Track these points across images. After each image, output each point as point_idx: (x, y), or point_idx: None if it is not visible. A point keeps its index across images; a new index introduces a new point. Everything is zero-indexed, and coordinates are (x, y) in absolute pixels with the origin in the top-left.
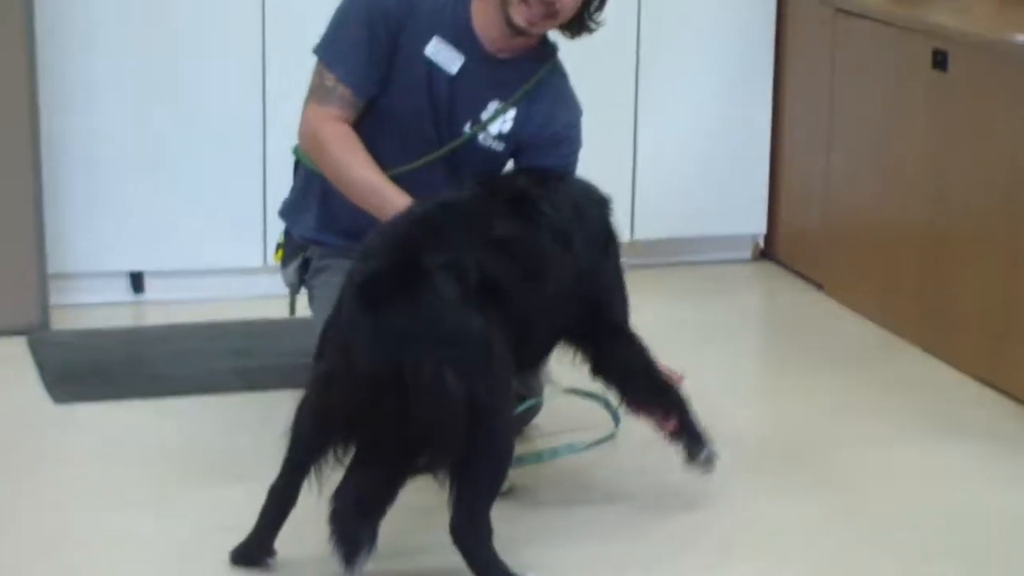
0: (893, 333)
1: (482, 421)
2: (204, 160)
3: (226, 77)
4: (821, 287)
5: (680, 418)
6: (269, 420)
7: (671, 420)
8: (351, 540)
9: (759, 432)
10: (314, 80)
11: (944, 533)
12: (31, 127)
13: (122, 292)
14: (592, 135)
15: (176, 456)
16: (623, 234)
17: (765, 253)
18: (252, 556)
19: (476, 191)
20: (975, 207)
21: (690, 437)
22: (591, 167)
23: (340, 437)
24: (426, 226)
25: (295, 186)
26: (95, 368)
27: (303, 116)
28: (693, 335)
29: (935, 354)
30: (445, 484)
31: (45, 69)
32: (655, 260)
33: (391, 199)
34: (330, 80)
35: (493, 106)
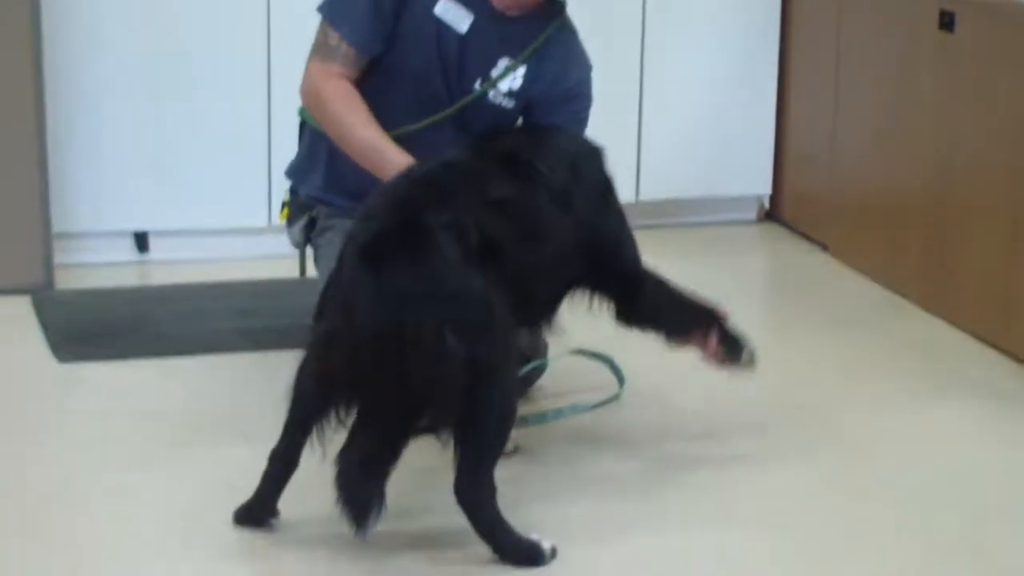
0: (897, 294)
1: (484, 381)
2: (209, 120)
3: (231, 36)
4: (826, 248)
5: (719, 329)
6: (274, 380)
7: (712, 336)
8: (359, 502)
9: (762, 391)
10: (318, 37)
11: (946, 492)
12: (35, 87)
13: (126, 252)
14: (598, 96)
15: (180, 416)
16: (628, 195)
17: (770, 214)
18: (255, 517)
19: (472, 152)
20: (980, 168)
21: (730, 343)
22: (596, 128)
23: (341, 398)
24: (427, 186)
25: (302, 147)
26: (99, 328)
27: (305, 73)
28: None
29: (938, 314)
30: (448, 445)
31: (49, 28)
32: (660, 221)
33: (391, 158)
34: (333, 38)
35: (503, 63)
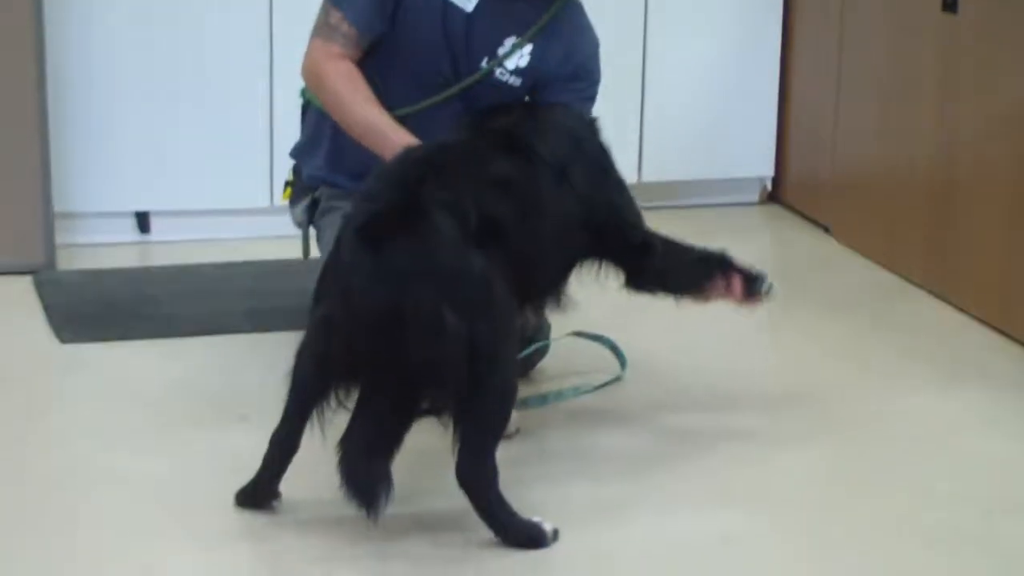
0: (900, 276)
1: (483, 361)
2: (211, 100)
3: (233, 16)
4: (828, 230)
5: (737, 270)
6: (277, 361)
7: (733, 278)
8: (364, 487)
9: (763, 373)
10: (319, 17)
11: (947, 477)
12: (37, 67)
13: (128, 232)
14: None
15: (182, 396)
16: (631, 177)
17: (773, 196)
18: (257, 499)
19: (468, 133)
20: (984, 150)
21: (749, 279)
22: (599, 109)
23: (341, 380)
24: (424, 167)
25: (306, 128)
26: (101, 308)
27: (307, 51)
28: None
29: (941, 297)
30: (449, 427)
31: (51, 8)
32: (663, 203)
33: (393, 137)
34: (335, 18)
35: (509, 41)
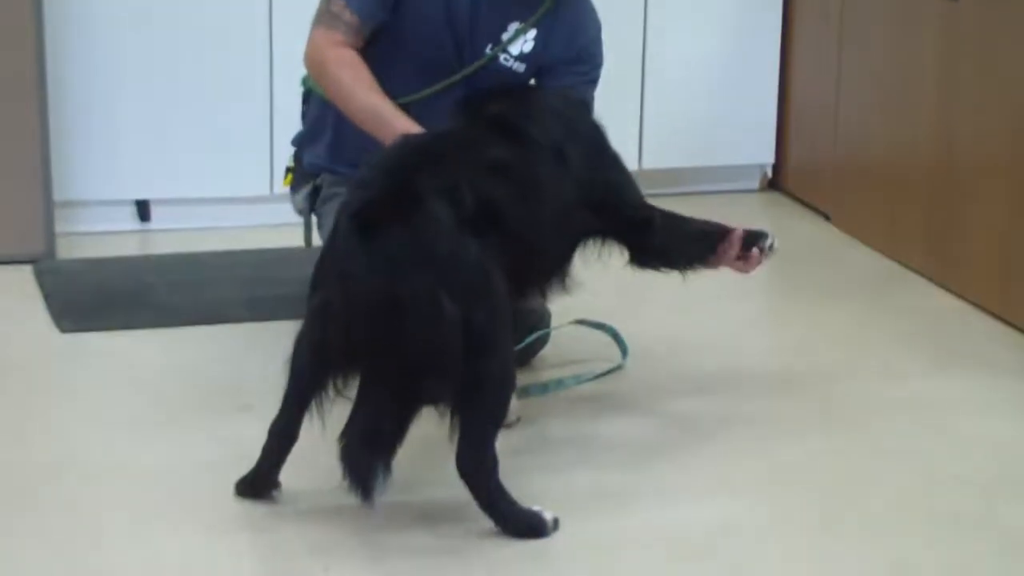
0: (900, 264)
1: (481, 348)
2: (211, 88)
3: (233, 3)
4: (828, 217)
5: (742, 232)
6: (277, 349)
7: (736, 243)
8: (364, 474)
9: (764, 361)
10: (322, 4)
11: (947, 463)
12: (37, 54)
13: (128, 221)
14: None
15: (182, 386)
16: (631, 165)
17: (773, 183)
18: (256, 489)
19: (462, 121)
20: (983, 138)
21: (752, 237)
22: (599, 96)
23: (339, 369)
24: (420, 154)
25: (309, 117)
26: (101, 297)
27: (309, 39)
28: None
29: (941, 284)
30: (448, 416)
31: None
32: (663, 190)
33: (395, 124)
34: (337, 6)
35: (513, 27)
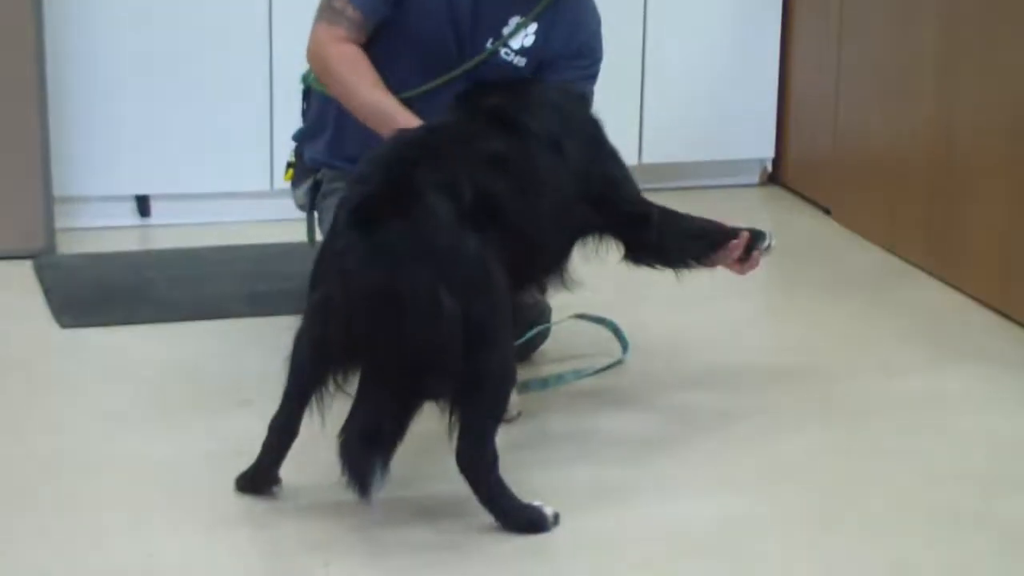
0: (899, 258)
1: (481, 343)
2: (211, 83)
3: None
4: (828, 212)
5: (748, 235)
6: (277, 345)
7: (736, 245)
8: (363, 470)
9: (765, 356)
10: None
11: (947, 457)
12: (36, 50)
13: (128, 216)
14: None
15: (183, 381)
16: (631, 159)
17: (773, 178)
18: (256, 485)
19: (459, 114)
20: (984, 132)
21: (752, 238)
22: (599, 90)
23: (339, 364)
24: (417, 148)
25: (310, 113)
26: (101, 293)
27: (311, 35)
28: None
29: (941, 278)
30: (448, 412)
31: None
32: (663, 184)
33: (398, 119)
34: (339, 2)
35: (514, 21)
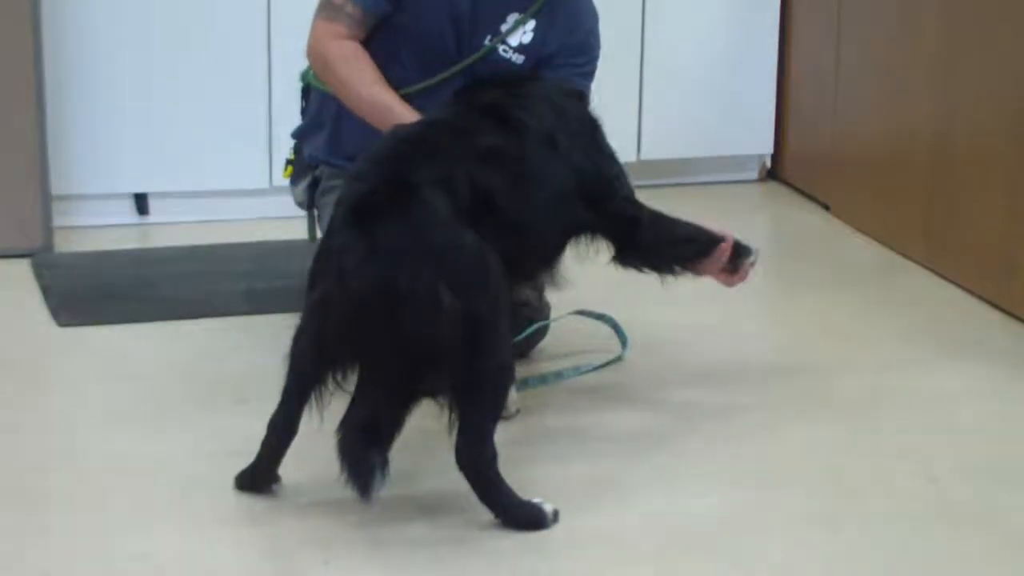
0: (898, 253)
1: (480, 339)
2: (209, 81)
3: None
4: (827, 207)
5: (733, 240)
6: (276, 343)
7: (722, 256)
8: (362, 468)
9: (764, 352)
10: None
11: (947, 452)
12: (34, 49)
13: (127, 214)
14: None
15: (181, 379)
16: (629, 155)
17: (772, 173)
18: (256, 483)
19: (455, 110)
20: (983, 128)
21: (738, 253)
22: (597, 87)
23: (338, 363)
24: (413, 144)
25: (309, 110)
26: (100, 291)
27: (310, 32)
28: None
29: (940, 274)
30: (447, 408)
31: None
32: (662, 180)
33: (399, 115)
34: None
35: (512, 18)
